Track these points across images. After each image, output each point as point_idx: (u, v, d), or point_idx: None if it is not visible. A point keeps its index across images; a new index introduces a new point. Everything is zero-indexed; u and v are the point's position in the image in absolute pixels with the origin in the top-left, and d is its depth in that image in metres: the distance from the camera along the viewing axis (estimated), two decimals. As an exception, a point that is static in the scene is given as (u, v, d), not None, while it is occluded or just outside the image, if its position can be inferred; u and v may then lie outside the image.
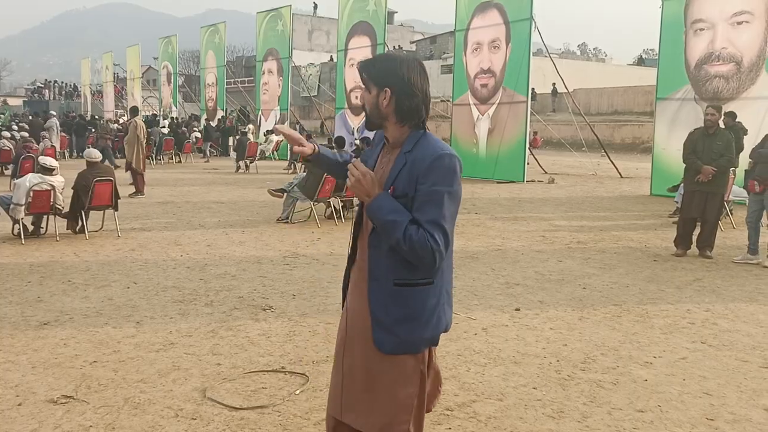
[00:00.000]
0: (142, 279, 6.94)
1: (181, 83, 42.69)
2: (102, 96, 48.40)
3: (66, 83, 68.31)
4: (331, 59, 54.20)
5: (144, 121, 16.82)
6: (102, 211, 9.65)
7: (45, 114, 29.99)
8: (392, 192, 2.31)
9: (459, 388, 4.14)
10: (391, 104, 2.34)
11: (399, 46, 57.74)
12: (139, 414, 3.77)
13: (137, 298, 6.21)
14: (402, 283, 2.35)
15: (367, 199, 2.30)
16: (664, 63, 14.70)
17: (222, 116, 30.43)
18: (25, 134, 19.85)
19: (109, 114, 42.74)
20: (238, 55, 74.79)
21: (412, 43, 67.56)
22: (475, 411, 3.82)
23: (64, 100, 57.54)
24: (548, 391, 4.15)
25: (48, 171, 9.06)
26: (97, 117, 37.87)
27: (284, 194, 11.01)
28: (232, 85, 43.07)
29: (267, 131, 26.05)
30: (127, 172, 14.25)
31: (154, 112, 38.86)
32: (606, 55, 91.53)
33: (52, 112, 32.84)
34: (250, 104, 33.50)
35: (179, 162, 24.56)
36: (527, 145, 18.13)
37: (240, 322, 5.50)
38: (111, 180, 9.38)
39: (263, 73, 27.82)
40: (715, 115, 8.14)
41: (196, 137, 26.95)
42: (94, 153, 9.89)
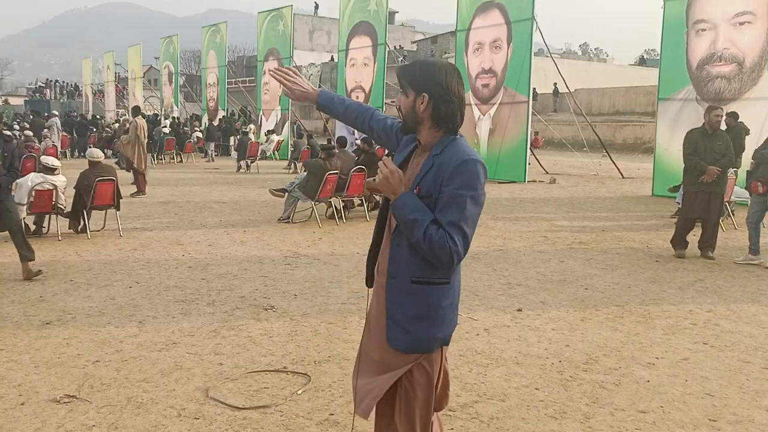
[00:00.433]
0: (144, 278, 6.95)
1: (182, 83, 42.71)
2: (103, 95, 48.43)
3: (67, 83, 68.37)
4: (332, 59, 54.23)
5: (148, 120, 16.82)
6: (104, 211, 9.66)
7: (47, 114, 30.03)
8: (417, 192, 2.37)
9: (461, 389, 4.14)
10: (427, 109, 2.40)
11: (400, 46, 57.76)
12: (142, 413, 3.78)
13: (139, 297, 6.22)
14: (419, 281, 2.41)
15: (392, 197, 2.36)
16: (666, 63, 14.69)
17: (223, 116, 30.42)
18: (30, 133, 19.88)
19: (111, 113, 42.78)
20: (239, 55, 74.83)
21: (413, 43, 67.56)
22: (477, 412, 3.82)
23: (65, 100, 57.60)
24: (550, 391, 4.16)
25: (50, 170, 9.07)
26: (98, 117, 37.91)
27: (285, 194, 11.01)
28: (233, 85, 43.07)
29: (268, 131, 26.06)
30: (129, 171, 14.28)
31: (156, 111, 38.87)
32: (607, 56, 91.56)
33: (54, 111, 32.86)
34: (251, 104, 33.51)
35: (180, 162, 24.57)
36: (528, 145, 18.11)
37: (242, 321, 5.51)
38: (113, 180, 9.39)
39: (264, 73, 27.81)
40: (721, 117, 8.20)
41: (197, 137, 26.96)
42: (96, 152, 9.90)
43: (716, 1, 13.49)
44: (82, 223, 9.31)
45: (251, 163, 21.08)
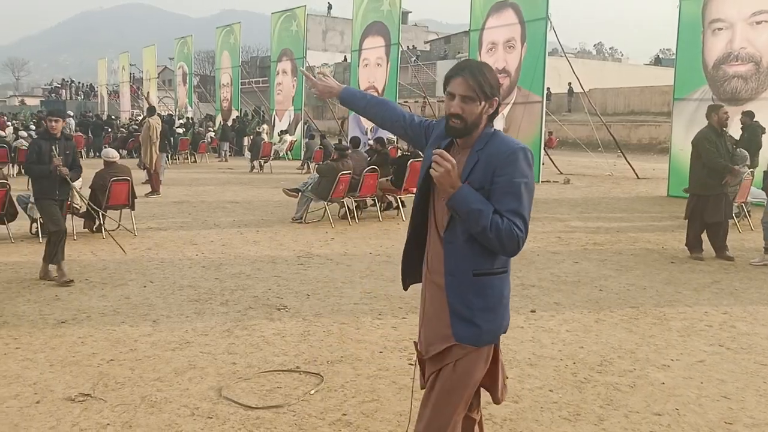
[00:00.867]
0: (159, 278, 6.99)
1: (196, 83, 42.89)
2: (118, 96, 48.80)
3: (82, 83, 68.97)
4: (345, 59, 54.25)
5: (164, 121, 16.92)
6: (119, 211, 9.73)
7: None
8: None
9: (474, 390, 4.13)
10: (491, 111, 2.47)
11: (413, 46, 57.67)
12: (156, 412, 3.79)
13: (153, 297, 6.25)
14: (481, 273, 2.46)
15: (451, 191, 2.36)
16: (682, 63, 14.56)
17: (237, 116, 30.53)
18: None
19: (126, 114, 43.09)
20: (253, 55, 75.09)
21: (426, 42, 67.45)
22: (490, 413, 3.80)
23: (81, 100, 58.10)
24: (564, 393, 4.13)
25: (65, 170, 9.12)
26: (113, 117, 38.20)
27: (299, 194, 11.03)
28: (247, 86, 43.24)
29: (281, 131, 26.12)
30: (144, 170, 14.37)
31: (170, 112, 39.11)
32: (622, 55, 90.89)
33: (69, 112, 33.14)
34: (264, 104, 33.61)
35: (194, 162, 24.69)
36: (542, 146, 18.03)
37: (255, 321, 5.52)
38: (128, 179, 9.45)
39: (277, 74, 27.90)
40: (728, 115, 8.20)
41: (211, 137, 27.08)
42: (111, 153, 9.97)
43: (733, 0, 13.36)
44: (97, 222, 9.38)
45: (264, 163, 21.15)
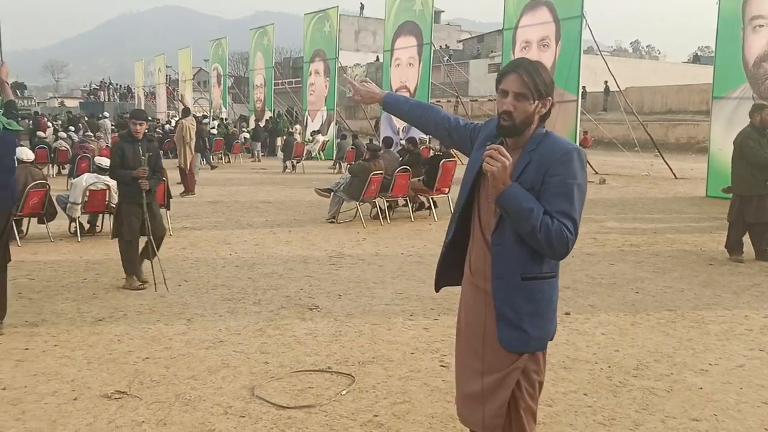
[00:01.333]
0: (193, 277, 7.07)
1: (230, 84, 43.44)
2: (155, 97, 49.62)
3: (120, 85, 70.25)
4: (377, 59, 54.33)
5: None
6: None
7: (100, 115, 30.90)
8: None
9: (507, 392, 4.08)
10: (544, 111, 2.43)
11: (446, 45, 57.51)
12: (190, 410, 3.84)
13: (188, 295, 6.33)
14: (530, 277, 2.41)
15: (502, 187, 2.32)
16: (721, 60, 14.23)
17: (270, 117, 30.80)
18: (90, 134, 20.47)
19: (162, 115, 43.77)
20: (286, 56, 75.65)
21: (459, 42, 67.16)
22: (523, 416, 3.76)
23: (118, 101, 59.23)
24: (599, 397, 4.06)
25: (103, 171, 9.31)
26: (150, 118, 38.85)
27: (331, 194, 11.07)
28: (280, 86, 43.59)
29: (313, 131, 26.26)
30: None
31: (204, 113, 39.64)
32: (659, 53, 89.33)
33: (105, 113, 33.80)
34: (297, 105, 33.85)
35: (228, 162, 24.97)
36: (577, 145, 17.79)
37: (287, 321, 5.55)
38: (163, 180, 9.57)
39: (310, 74, 28.06)
40: None
41: (244, 138, 27.35)
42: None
43: (775, -5, 13.02)
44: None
45: (297, 163, 21.29)
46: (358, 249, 8.67)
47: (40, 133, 20.53)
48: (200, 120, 27.30)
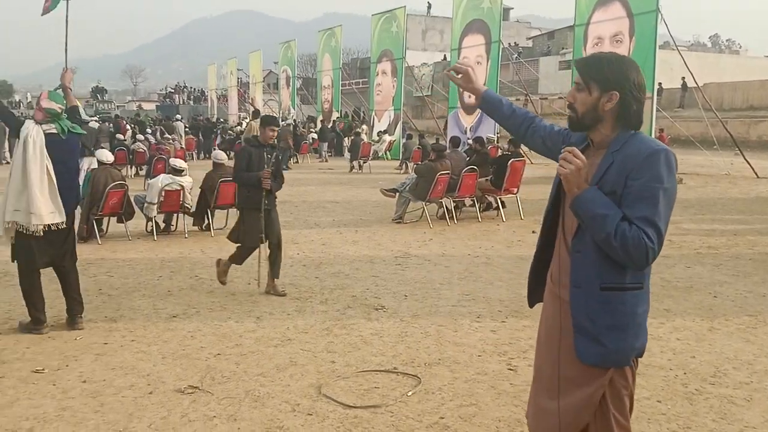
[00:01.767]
0: (262, 275, 7.21)
1: (299, 86, 44.11)
2: (227, 100, 50.97)
3: (194, 88, 72.51)
4: (444, 58, 54.09)
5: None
6: (226, 210, 10.13)
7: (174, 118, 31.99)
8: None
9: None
10: (615, 107, 2.27)
11: (515, 42, 56.69)
12: (259, 407, 3.92)
13: (257, 294, 6.47)
14: (610, 287, 2.26)
15: (576, 191, 2.22)
16: (808, 53, 13.48)
17: (337, 117, 31.14)
18: (168, 136, 21.26)
19: (233, 117, 44.91)
20: (353, 57, 76.28)
21: (528, 39, 66.11)
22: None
23: (192, 104, 61.17)
24: (674, 405, 3.92)
25: (178, 172, 9.63)
26: (222, 120, 39.94)
27: (396, 194, 11.09)
28: (347, 87, 43.98)
29: (380, 131, 26.37)
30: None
31: (274, 114, 40.46)
32: (740, 47, 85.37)
33: (178, 116, 34.94)
34: (363, 105, 34.07)
35: (296, 162, 25.38)
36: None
37: (353, 320, 5.59)
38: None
39: (377, 74, 28.18)
40: None
41: (312, 138, 27.73)
42: (220, 155, 10.44)
43: None
44: (206, 221, 9.83)
45: (363, 163, 21.43)
46: (424, 249, 8.65)
47: (119, 136, 21.39)
48: (296, 125, 27.77)
